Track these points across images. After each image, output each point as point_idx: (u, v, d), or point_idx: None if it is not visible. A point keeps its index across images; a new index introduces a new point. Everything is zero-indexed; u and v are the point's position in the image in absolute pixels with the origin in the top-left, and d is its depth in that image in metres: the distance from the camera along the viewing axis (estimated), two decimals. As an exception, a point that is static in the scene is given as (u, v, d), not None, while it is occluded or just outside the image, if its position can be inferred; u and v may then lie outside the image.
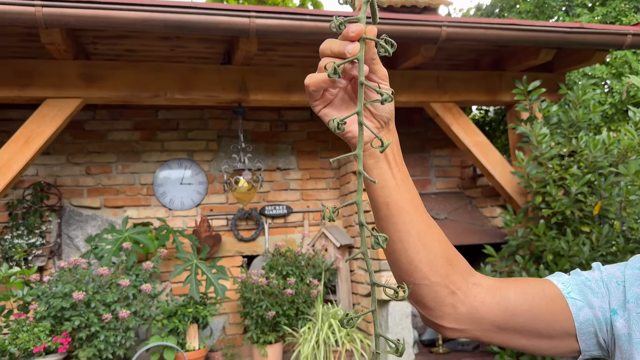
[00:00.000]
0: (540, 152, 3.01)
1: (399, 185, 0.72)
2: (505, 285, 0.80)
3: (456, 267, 0.77)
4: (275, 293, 3.24)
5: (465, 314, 0.77)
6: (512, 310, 0.77)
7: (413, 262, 0.74)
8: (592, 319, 0.77)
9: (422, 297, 0.76)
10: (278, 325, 3.28)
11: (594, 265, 0.82)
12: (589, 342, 0.78)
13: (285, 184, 4.04)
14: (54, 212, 3.45)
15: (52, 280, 2.86)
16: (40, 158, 3.54)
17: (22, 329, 2.69)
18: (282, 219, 4.00)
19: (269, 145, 4.01)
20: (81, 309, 2.79)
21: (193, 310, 3.12)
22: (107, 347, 2.83)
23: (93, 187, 3.64)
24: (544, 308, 0.77)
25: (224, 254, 3.81)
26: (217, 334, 3.71)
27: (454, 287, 0.76)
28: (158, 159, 3.75)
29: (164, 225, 3.42)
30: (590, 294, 0.78)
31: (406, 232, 0.73)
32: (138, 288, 2.98)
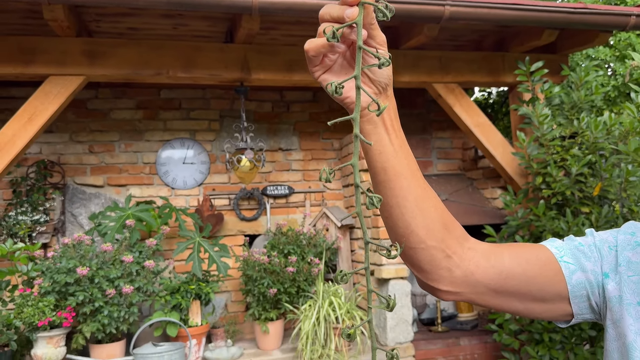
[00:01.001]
0: (541, 132, 3.02)
1: (397, 151, 0.73)
2: (499, 250, 0.82)
3: (452, 232, 0.79)
4: (277, 271, 3.27)
5: (460, 277, 0.79)
6: (506, 273, 0.79)
7: (410, 227, 0.76)
8: (585, 282, 0.79)
9: (419, 261, 0.78)
10: (279, 303, 3.32)
11: (588, 232, 0.84)
12: (581, 306, 0.81)
13: (287, 165, 4.06)
14: (58, 190, 3.48)
15: (56, 256, 2.90)
16: (44, 136, 3.56)
17: (27, 304, 2.74)
18: (284, 199, 4.02)
19: (271, 126, 4.01)
20: (85, 285, 2.83)
21: (196, 287, 3.16)
22: (110, 322, 2.88)
23: (96, 165, 3.66)
24: (538, 271, 0.79)
25: (226, 233, 3.84)
26: (220, 311, 3.76)
27: (449, 251, 0.78)
28: (161, 138, 3.77)
29: (166, 203, 3.45)
30: (583, 258, 0.80)
31: (403, 197, 0.75)
32: (141, 264, 3.01)
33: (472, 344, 3.39)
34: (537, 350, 2.94)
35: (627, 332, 0.75)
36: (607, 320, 0.79)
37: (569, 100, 3.12)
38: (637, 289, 0.76)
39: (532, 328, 2.97)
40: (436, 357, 3.31)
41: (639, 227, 0.81)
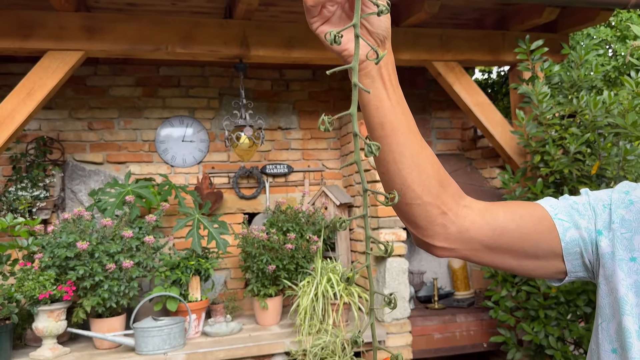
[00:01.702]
0: (540, 111, 3.02)
1: (394, 107, 0.74)
2: (494, 207, 0.83)
3: (448, 189, 0.80)
4: (276, 248, 3.30)
5: (455, 234, 0.81)
6: (500, 229, 0.81)
7: (406, 183, 0.77)
8: (578, 239, 0.80)
9: (414, 217, 0.80)
10: (278, 279, 3.35)
11: (582, 191, 0.85)
12: (574, 263, 0.82)
13: (286, 143, 4.06)
14: (57, 167, 3.49)
15: (56, 230, 2.92)
16: (43, 112, 3.56)
17: (28, 278, 2.76)
18: (283, 178, 4.03)
19: (270, 105, 4.01)
20: (85, 259, 2.86)
21: (195, 262, 3.19)
22: (110, 296, 2.91)
23: (95, 142, 3.67)
24: (532, 228, 0.81)
25: (225, 210, 3.86)
26: (219, 288, 3.80)
27: (445, 208, 0.79)
28: (160, 116, 3.77)
29: (166, 181, 3.46)
30: (577, 216, 0.81)
31: (400, 153, 0.76)
32: (141, 240, 3.03)
33: (468, 320, 3.43)
34: (533, 327, 2.97)
35: (619, 287, 0.77)
36: (600, 277, 0.81)
37: (568, 79, 3.11)
38: (629, 246, 0.78)
39: (528, 305, 3.00)
40: (432, 333, 3.35)
41: (633, 187, 0.82)
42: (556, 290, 2.85)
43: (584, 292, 2.84)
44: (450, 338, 3.38)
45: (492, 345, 3.41)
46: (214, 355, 2.92)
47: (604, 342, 0.80)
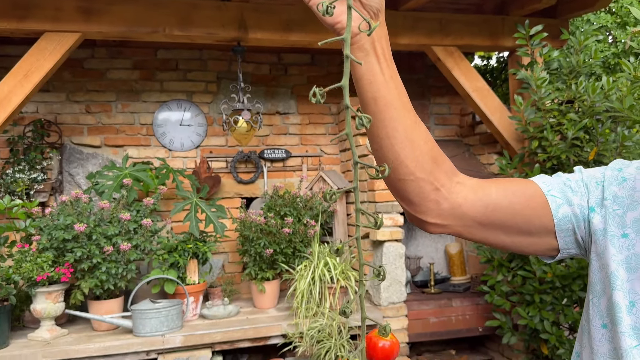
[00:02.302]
0: (539, 96, 3.02)
1: (387, 81, 0.74)
2: (487, 184, 0.84)
3: (441, 165, 0.80)
4: (273, 232, 3.31)
5: (447, 210, 0.81)
6: (493, 206, 0.81)
7: (399, 158, 0.77)
8: (571, 216, 0.81)
9: (408, 193, 0.80)
10: (276, 263, 3.37)
11: (576, 169, 0.86)
12: (567, 240, 0.82)
13: (285, 128, 4.05)
14: (55, 150, 3.48)
15: (54, 213, 2.92)
16: (40, 95, 3.55)
17: (26, 259, 2.77)
18: (281, 163, 4.03)
19: (268, 89, 4.00)
20: (83, 241, 2.87)
21: (193, 246, 3.20)
22: (108, 278, 2.92)
23: (93, 125, 3.66)
24: (524, 204, 0.81)
25: (223, 195, 3.86)
26: (217, 272, 3.82)
27: (438, 184, 0.80)
28: (157, 99, 3.76)
29: (163, 164, 3.46)
30: (570, 193, 0.81)
31: (393, 128, 0.76)
32: (139, 223, 3.04)
33: (464, 305, 3.45)
34: (528, 311, 3.00)
35: (610, 263, 0.77)
36: (592, 254, 0.81)
37: (567, 65, 3.10)
38: (621, 222, 0.78)
39: (524, 289, 3.02)
40: (428, 317, 3.38)
41: (626, 164, 0.83)
42: (552, 275, 2.87)
43: (580, 277, 2.85)
44: (446, 322, 3.40)
45: (487, 330, 3.44)
46: (211, 337, 2.95)
47: (595, 317, 0.81)
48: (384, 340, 0.64)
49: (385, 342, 0.64)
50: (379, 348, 0.64)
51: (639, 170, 0.81)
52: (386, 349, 0.64)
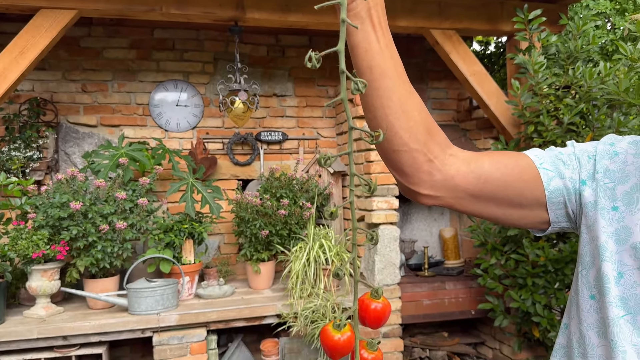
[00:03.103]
0: (536, 81, 3.02)
1: (383, 50, 0.74)
2: (480, 156, 0.84)
3: (435, 137, 0.81)
4: (269, 213, 3.32)
5: (440, 182, 0.82)
6: (485, 177, 0.82)
7: (393, 129, 0.78)
8: (562, 188, 0.82)
9: (401, 164, 0.80)
10: (271, 244, 3.38)
11: (568, 143, 0.86)
12: (558, 213, 0.83)
13: (282, 111, 4.05)
14: (51, 128, 3.47)
15: (50, 190, 2.92)
16: (36, 73, 3.52)
17: (21, 237, 2.77)
18: (278, 145, 4.03)
19: (265, 71, 3.98)
20: (78, 219, 2.87)
21: (189, 226, 3.21)
22: (104, 257, 2.93)
23: (89, 104, 3.64)
24: (517, 176, 0.82)
25: (219, 176, 3.86)
26: (212, 253, 3.83)
27: (431, 155, 0.80)
28: (154, 79, 3.74)
29: (160, 145, 3.45)
30: (562, 166, 0.82)
31: (388, 98, 0.76)
32: (135, 202, 3.04)
33: (457, 288, 3.49)
34: (520, 295, 3.03)
35: (600, 235, 0.78)
36: (582, 226, 0.82)
37: (565, 50, 3.10)
38: (612, 195, 0.79)
39: (517, 273, 3.05)
40: (422, 299, 3.41)
41: (619, 139, 0.84)
42: (544, 259, 2.90)
43: (572, 261, 2.88)
44: (439, 304, 3.44)
45: (479, 313, 3.48)
46: (206, 316, 2.97)
47: (583, 288, 0.82)
48: (376, 302, 0.65)
49: (377, 304, 0.65)
50: (371, 310, 0.65)
51: (630, 145, 0.82)
52: (378, 311, 0.65)
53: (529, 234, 2.98)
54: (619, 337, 0.74)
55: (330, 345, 0.61)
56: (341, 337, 0.61)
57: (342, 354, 0.62)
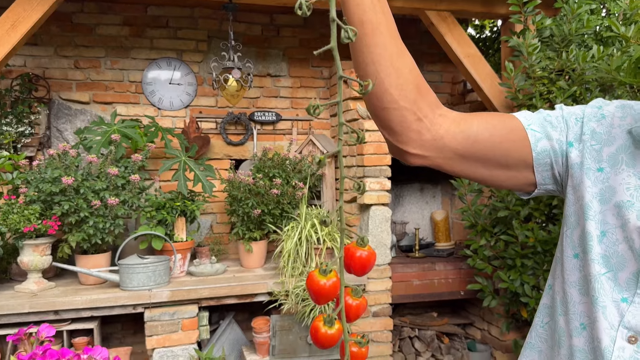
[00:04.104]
0: (529, 63, 3.02)
1: (374, 5, 0.75)
2: (469, 117, 0.85)
3: (425, 96, 0.81)
4: (262, 193, 3.33)
5: (429, 141, 0.83)
6: (473, 137, 0.83)
7: (384, 85, 0.78)
8: (549, 150, 0.83)
9: (390, 122, 0.81)
10: (263, 224, 3.40)
11: (557, 106, 0.88)
12: (544, 175, 0.85)
13: (276, 91, 4.03)
14: (43, 104, 3.45)
15: (41, 165, 2.91)
16: (28, 49, 3.49)
17: (13, 211, 2.77)
18: (271, 126, 4.03)
19: (259, 50, 3.96)
20: (70, 195, 2.86)
21: (181, 204, 3.21)
22: (96, 232, 2.93)
23: (82, 81, 3.62)
24: (505, 136, 0.83)
25: (212, 156, 3.86)
26: (205, 232, 3.84)
27: (420, 114, 0.81)
28: (147, 57, 3.71)
29: (152, 122, 3.44)
30: (550, 128, 0.83)
31: (379, 54, 0.77)
32: (127, 179, 3.04)
33: (447, 269, 3.52)
34: (509, 275, 3.06)
35: (585, 194, 0.80)
36: (568, 188, 0.84)
37: (559, 33, 3.10)
38: (598, 157, 0.80)
39: (506, 254, 3.09)
40: (412, 279, 3.44)
41: (607, 103, 0.85)
42: (534, 240, 2.93)
43: (560, 242, 2.91)
44: (428, 285, 3.47)
45: (468, 294, 3.52)
46: (198, 293, 2.99)
47: (567, 248, 0.84)
48: (361, 250, 0.66)
49: (363, 252, 0.66)
50: (356, 257, 0.66)
51: (617, 109, 0.83)
52: (363, 258, 0.66)
53: (519, 215, 3.01)
54: (599, 293, 0.76)
55: (316, 289, 0.62)
56: (327, 282, 0.62)
57: (327, 299, 0.63)
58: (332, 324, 0.62)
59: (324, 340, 0.63)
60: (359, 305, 0.66)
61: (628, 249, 0.75)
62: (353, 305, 0.66)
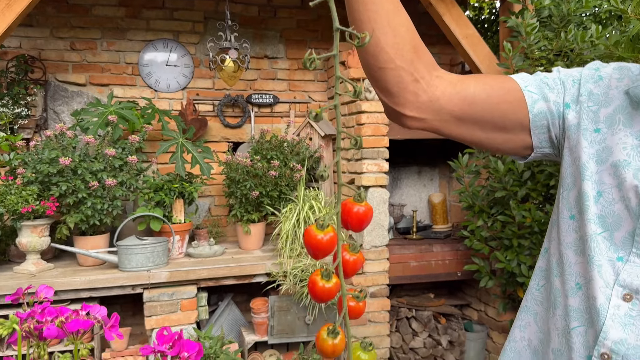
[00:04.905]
0: (528, 43, 3.01)
1: None
2: (466, 78, 0.85)
3: (422, 57, 0.81)
4: (260, 174, 3.33)
5: (426, 103, 0.82)
6: (470, 99, 0.83)
7: (380, 44, 0.78)
8: (546, 111, 0.83)
9: (387, 82, 0.81)
10: (261, 206, 3.40)
11: (554, 69, 0.87)
12: (541, 138, 0.85)
13: (273, 73, 4.01)
14: (39, 86, 3.43)
15: (39, 146, 2.91)
16: (23, 30, 3.46)
17: (10, 192, 2.76)
18: (269, 109, 4.01)
19: (256, 32, 3.93)
20: (68, 175, 2.86)
21: (179, 185, 3.21)
22: (94, 213, 2.94)
23: (78, 63, 3.59)
24: (502, 97, 0.83)
25: (210, 139, 3.85)
26: (203, 214, 3.85)
27: (417, 75, 0.81)
28: (143, 38, 3.69)
29: (149, 104, 3.43)
30: (547, 89, 0.83)
31: (375, 12, 0.77)
32: (124, 160, 3.04)
33: (444, 250, 3.54)
34: (506, 256, 3.08)
35: (582, 155, 0.80)
36: (565, 150, 0.84)
37: (558, 13, 3.09)
38: (595, 118, 0.81)
39: (503, 234, 3.10)
40: (409, 261, 3.46)
41: (604, 65, 0.85)
42: (531, 220, 2.94)
43: (557, 223, 2.92)
44: (425, 266, 3.49)
45: (465, 275, 3.54)
46: (197, 274, 3.00)
47: (564, 209, 0.84)
48: (358, 206, 0.66)
49: (360, 207, 0.66)
50: (353, 212, 0.66)
51: (615, 70, 0.83)
52: (360, 214, 0.66)
53: (516, 196, 3.02)
54: (595, 252, 0.77)
55: (313, 243, 0.62)
56: (324, 236, 0.62)
57: (324, 253, 0.63)
58: (330, 277, 0.63)
59: (321, 293, 0.63)
60: (356, 260, 0.66)
61: (624, 208, 0.75)
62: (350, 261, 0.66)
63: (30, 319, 0.64)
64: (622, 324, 0.73)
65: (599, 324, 0.75)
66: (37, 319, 0.65)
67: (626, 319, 0.73)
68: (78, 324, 0.66)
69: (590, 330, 0.77)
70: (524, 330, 0.93)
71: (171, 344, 0.65)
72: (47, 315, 0.65)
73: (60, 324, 0.65)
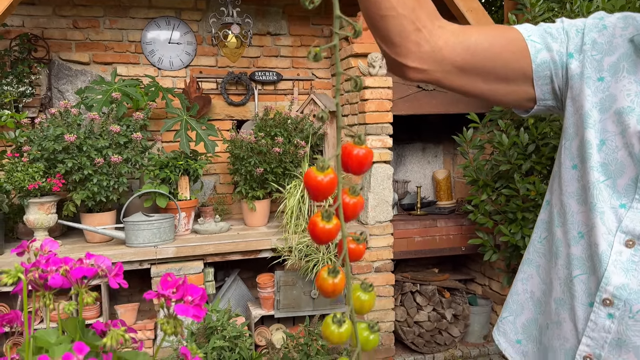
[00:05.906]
0: (532, 15, 2.99)
1: None
2: (469, 29, 0.85)
3: (424, 5, 0.81)
4: (264, 151, 3.33)
5: (428, 53, 0.82)
6: (473, 48, 0.82)
7: None
8: (549, 61, 0.82)
9: (389, 31, 0.80)
10: (266, 182, 3.41)
11: (557, 20, 0.87)
12: (544, 89, 0.84)
13: (276, 50, 4.00)
14: (43, 64, 3.43)
15: (44, 124, 2.92)
16: (26, 8, 3.46)
17: (17, 169, 2.79)
18: (272, 86, 4.00)
19: (259, 8, 3.91)
20: (73, 152, 2.88)
21: (184, 162, 3.23)
22: (100, 190, 2.96)
23: (81, 41, 3.59)
24: (504, 47, 0.82)
25: (214, 116, 3.85)
26: (208, 192, 3.87)
27: (419, 24, 0.80)
28: (146, 16, 3.67)
29: (153, 82, 3.43)
30: (550, 39, 0.83)
31: None
32: (129, 137, 3.05)
33: (448, 225, 3.55)
34: (510, 229, 3.09)
35: (584, 104, 0.80)
36: (567, 100, 0.84)
37: (564, -16, 3.05)
38: (598, 66, 0.80)
39: (507, 208, 3.10)
40: (413, 236, 3.47)
41: (608, 15, 0.84)
42: (535, 193, 2.94)
43: (561, 195, 2.92)
44: (430, 241, 3.51)
45: (469, 249, 3.55)
46: (203, 249, 3.03)
47: (566, 160, 0.85)
48: (358, 148, 0.66)
49: (360, 150, 0.66)
50: (353, 155, 0.66)
51: (619, 20, 0.82)
52: (360, 156, 0.66)
53: (521, 169, 3.01)
54: (598, 200, 0.77)
55: (314, 185, 0.63)
56: (324, 178, 0.63)
57: (324, 195, 0.64)
58: (330, 218, 0.63)
59: (321, 234, 0.64)
60: (356, 203, 0.67)
61: (627, 155, 0.75)
62: (350, 204, 0.67)
63: (35, 269, 0.66)
64: (624, 269, 0.74)
65: (601, 270, 0.75)
66: (42, 268, 0.67)
67: (628, 265, 0.74)
68: (82, 271, 0.67)
69: (592, 278, 0.78)
70: (526, 283, 0.94)
71: (175, 288, 0.66)
72: (51, 265, 0.67)
73: (65, 272, 0.67)
